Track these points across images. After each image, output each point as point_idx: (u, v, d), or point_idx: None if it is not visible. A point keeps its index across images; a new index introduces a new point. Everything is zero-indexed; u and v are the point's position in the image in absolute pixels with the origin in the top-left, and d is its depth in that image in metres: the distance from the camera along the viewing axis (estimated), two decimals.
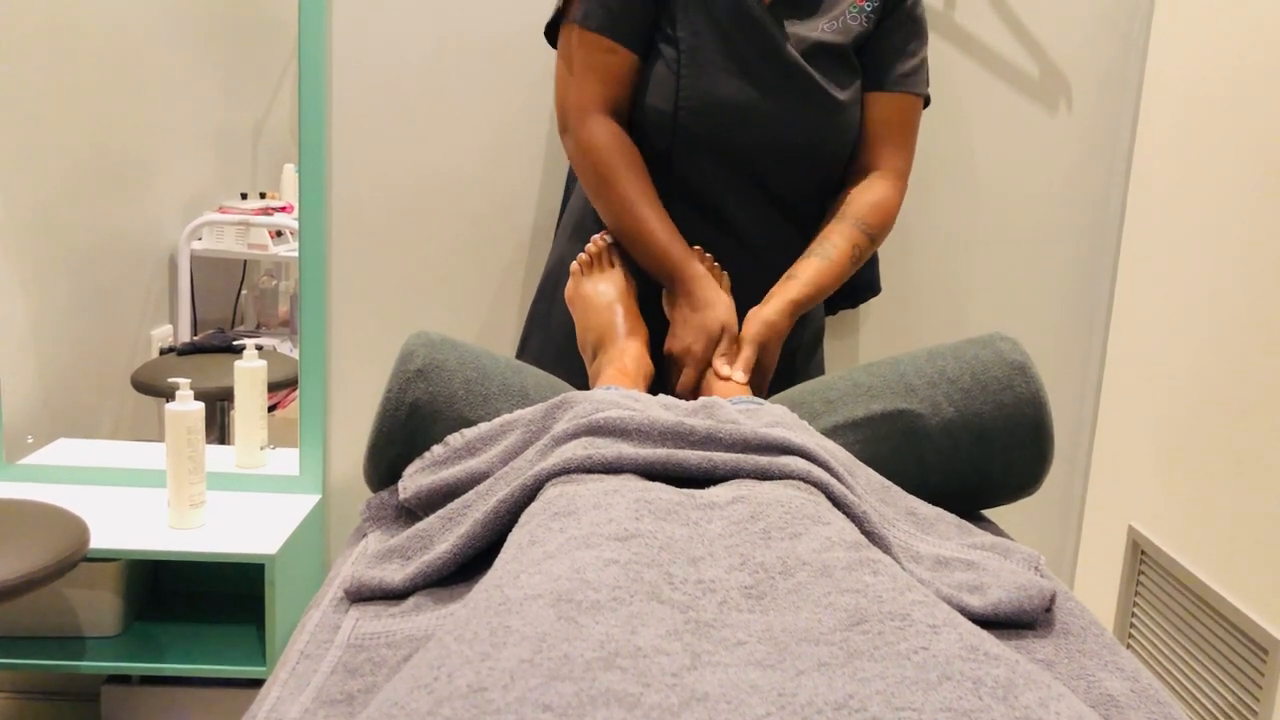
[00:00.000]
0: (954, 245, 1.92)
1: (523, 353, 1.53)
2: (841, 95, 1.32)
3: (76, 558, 1.48)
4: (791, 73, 1.29)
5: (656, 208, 1.28)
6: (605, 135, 1.29)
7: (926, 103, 1.44)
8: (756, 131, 1.30)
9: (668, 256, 1.26)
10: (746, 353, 1.24)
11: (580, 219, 1.44)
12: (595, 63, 1.28)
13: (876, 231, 1.35)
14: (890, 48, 1.35)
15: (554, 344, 1.43)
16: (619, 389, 1.05)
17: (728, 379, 1.22)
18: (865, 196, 1.34)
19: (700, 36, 1.28)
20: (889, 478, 1.05)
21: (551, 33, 1.36)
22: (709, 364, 1.24)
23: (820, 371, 1.57)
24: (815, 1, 1.33)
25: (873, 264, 1.85)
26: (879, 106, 1.37)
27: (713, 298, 1.25)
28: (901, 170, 1.39)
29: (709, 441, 0.89)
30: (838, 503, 0.84)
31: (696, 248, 1.31)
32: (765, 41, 1.28)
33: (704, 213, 1.33)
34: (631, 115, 1.33)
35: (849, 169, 1.39)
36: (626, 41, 1.28)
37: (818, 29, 1.31)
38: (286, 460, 1.96)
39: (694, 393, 1.24)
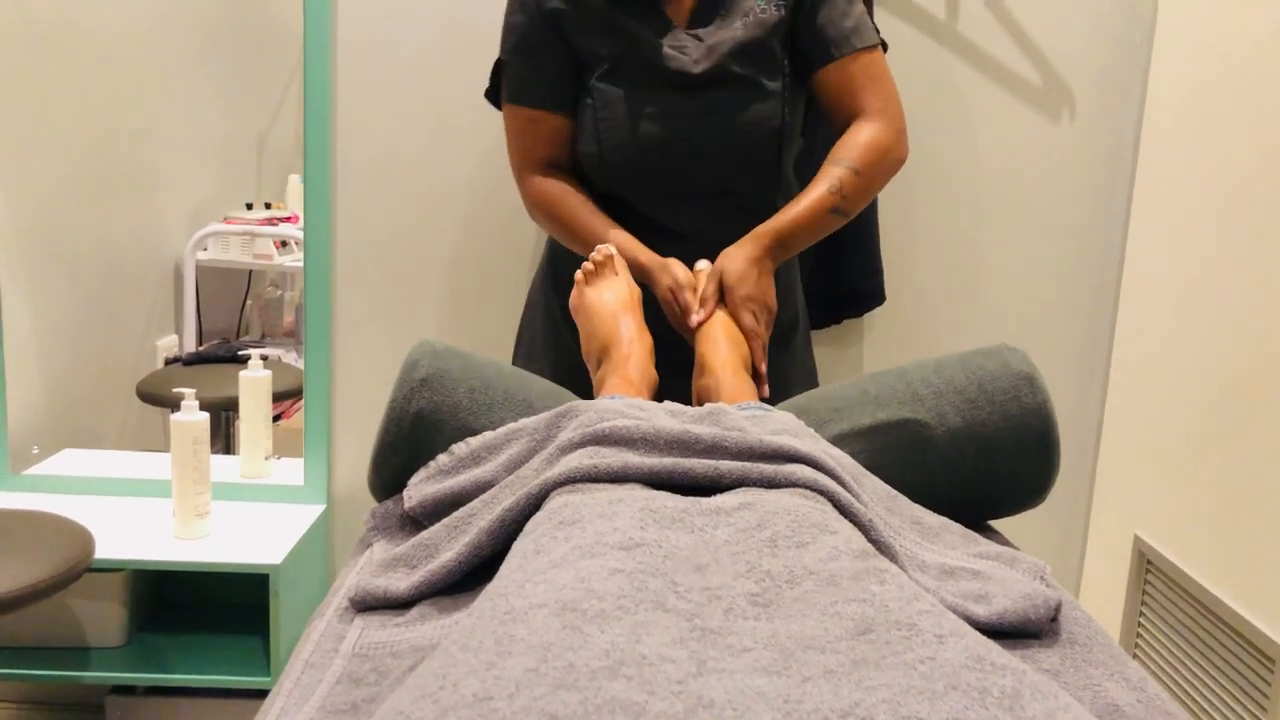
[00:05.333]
0: (959, 254, 1.92)
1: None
2: (769, 84, 1.34)
3: (81, 568, 1.49)
4: (698, 85, 1.32)
5: (602, 216, 1.37)
6: (545, 185, 1.40)
7: (885, 48, 1.41)
8: (681, 154, 1.34)
9: (624, 250, 1.32)
10: (706, 286, 1.27)
11: (554, 265, 1.52)
12: (529, 131, 1.40)
13: (864, 165, 1.32)
14: (822, 21, 1.36)
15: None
16: (623, 398, 1.05)
17: (701, 322, 1.25)
18: (848, 139, 1.34)
19: (612, 76, 1.34)
20: (895, 487, 1.05)
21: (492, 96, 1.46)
22: (691, 289, 1.28)
23: (807, 355, 1.57)
24: (729, 5, 1.36)
25: (877, 273, 1.85)
26: (835, 75, 1.36)
27: (672, 260, 1.31)
28: (883, 108, 1.36)
29: (715, 450, 0.89)
30: (844, 511, 0.84)
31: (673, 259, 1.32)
32: (667, 62, 1.32)
33: (666, 235, 1.36)
34: (572, 163, 1.42)
35: (835, 134, 1.39)
36: (552, 106, 1.38)
37: (734, 29, 1.34)
38: (291, 470, 1.96)
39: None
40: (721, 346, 1.22)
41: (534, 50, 1.37)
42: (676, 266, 1.30)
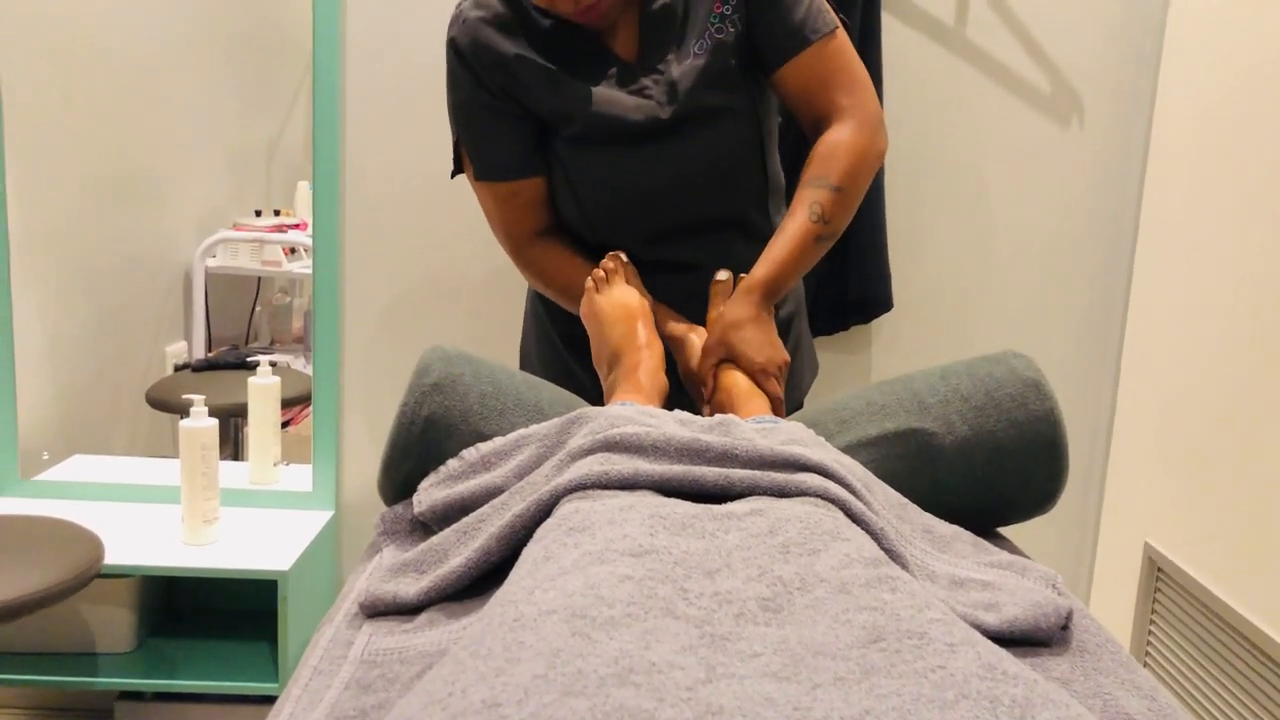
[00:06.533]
0: (967, 261, 1.92)
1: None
2: (741, 106, 1.29)
3: (91, 574, 1.49)
4: (670, 129, 1.27)
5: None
6: (542, 258, 1.35)
7: (846, 26, 1.34)
8: (666, 198, 1.29)
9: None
10: (704, 365, 1.23)
11: (533, 305, 1.49)
12: (509, 205, 1.34)
13: (844, 178, 1.25)
14: (773, 20, 1.27)
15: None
16: (634, 405, 1.05)
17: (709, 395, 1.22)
18: (822, 150, 1.27)
19: (578, 138, 1.28)
20: (905, 495, 1.04)
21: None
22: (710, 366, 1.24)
23: (805, 359, 1.55)
24: (679, 31, 1.28)
25: (884, 280, 1.85)
26: (795, 73, 1.28)
27: (691, 336, 1.27)
28: (852, 104, 1.28)
29: (725, 458, 0.89)
30: (856, 519, 0.84)
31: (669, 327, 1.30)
32: (633, 114, 1.26)
33: (668, 269, 1.33)
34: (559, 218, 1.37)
35: (807, 134, 1.33)
36: (524, 174, 1.32)
37: (694, 58, 1.27)
38: (300, 476, 1.96)
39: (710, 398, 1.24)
40: (733, 367, 1.22)
41: (489, 124, 1.30)
42: (693, 347, 1.26)
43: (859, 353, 1.96)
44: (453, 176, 1.39)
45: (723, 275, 1.29)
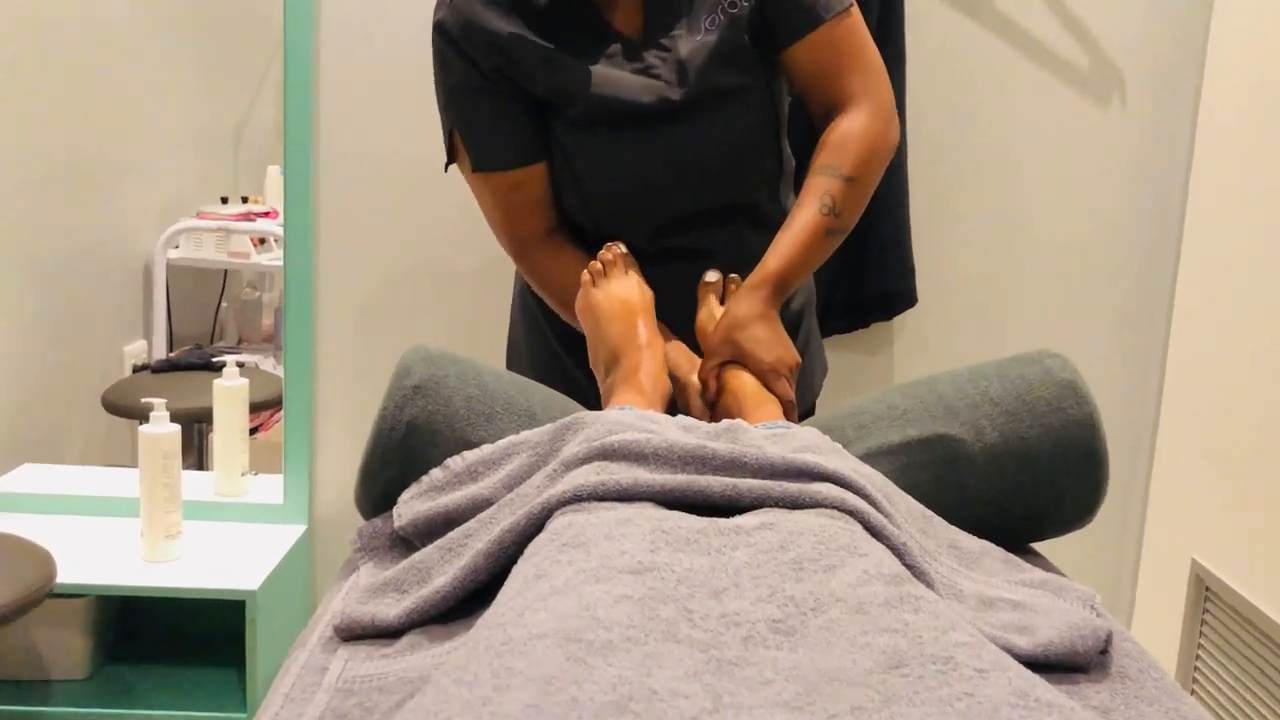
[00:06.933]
0: (997, 253, 1.92)
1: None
2: (754, 85, 1.30)
3: (42, 594, 1.49)
4: (681, 111, 1.27)
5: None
6: (543, 261, 1.35)
7: (864, 6, 1.36)
8: (675, 186, 1.30)
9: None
10: (705, 368, 1.24)
11: (524, 298, 1.49)
12: (512, 200, 1.33)
13: (856, 169, 1.26)
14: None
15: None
16: (634, 409, 1.05)
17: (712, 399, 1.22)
18: (834, 138, 1.29)
19: (580, 121, 1.28)
20: (929, 507, 1.04)
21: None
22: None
23: (814, 359, 1.55)
24: (687, 5, 1.29)
25: (908, 272, 1.85)
26: (806, 53, 1.30)
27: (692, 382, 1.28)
28: (866, 90, 1.30)
29: (733, 466, 0.89)
30: (875, 533, 0.84)
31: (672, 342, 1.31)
32: (641, 96, 1.27)
33: (675, 257, 1.34)
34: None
35: (816, 121, 1.35)
36: (525, 161, 1.31)
37: (705, 35, 1.28)
38: (270, 487, 1.96)
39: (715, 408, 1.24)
40: (740, 369, 1.22)
41: (485, 109, 1.30)
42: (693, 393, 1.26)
43: (879, 353, 1.96)
44: (446, 169, 1.39)
45: (711, 276, 1.30)
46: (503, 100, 1.30)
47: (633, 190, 1.31)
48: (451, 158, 1.37)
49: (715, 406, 1.23)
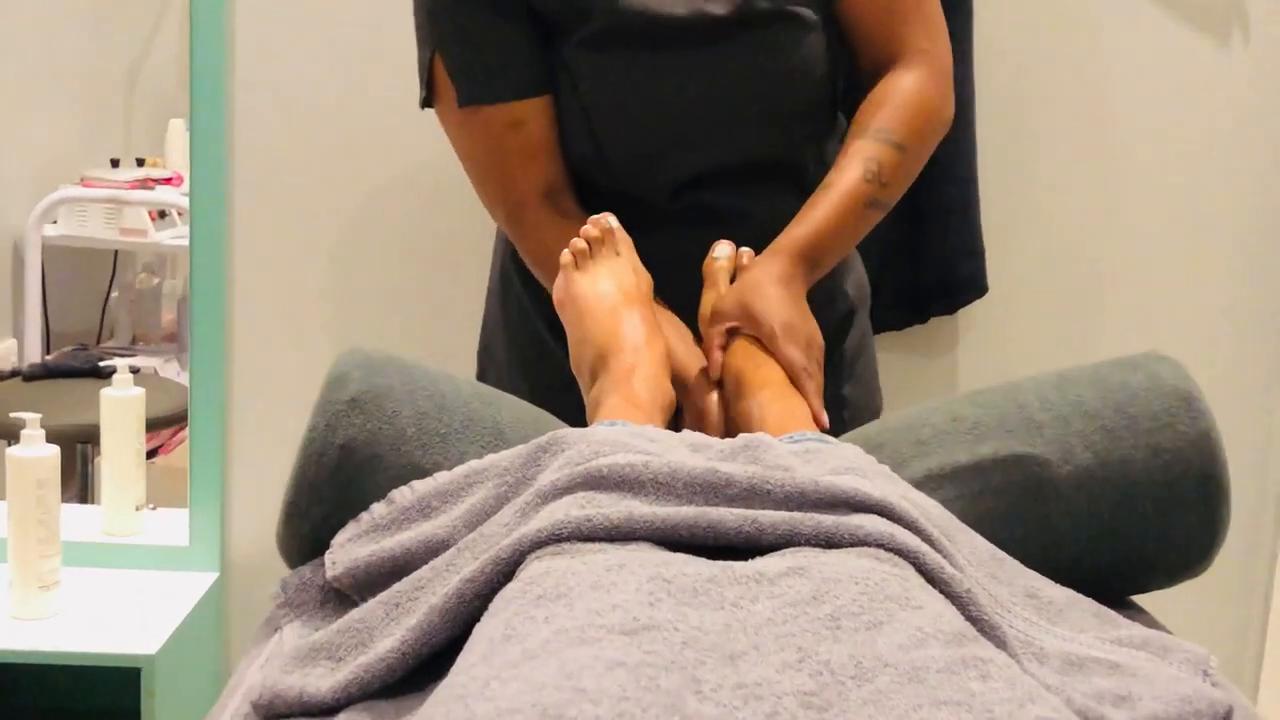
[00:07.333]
0: (1085, 229, 1.92)
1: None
2: (809, 14, 1.32)
3: None
4: (720, 31, 1.29)
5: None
6: (540, 226, 1.35)
7: None
8: (708, 129, 1.32)
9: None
10: (712, 333, 1.26)
11: (506, 281, 1.50)
12: (508, 143, 1.34)
13: (909, 136, 1.31)
14: None
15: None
16: (627, 424, 1.05)
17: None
18: (884, 96, 1.33)
19: (597, 38, 1.29)
20: (1002, 546, 1.05)
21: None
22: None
23: (868, 367, 1.55)
24: None
25: (976, 255, 1.85)
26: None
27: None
28: (928, 49, 1.35)
29: (753, 495, 0.89)
30: (932, 579, 0.84)
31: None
32: (673, 7, 1.28)
33: (701, 220, 1.35)
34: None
35: (864, 79, 1.38)
36: (529, 91, 1.32)
37: None
38: (172, 525, 1.96)
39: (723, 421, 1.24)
40: (762, 361, 1.22)
41: (479, 25, 1.32)
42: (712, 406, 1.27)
43: (942, 355, 1.96)
44: (423, 107, 1.40)
45: (722, 251, 1.31)
46: (501, 16, 1.31)
47: (657, 130, 1.32)
48: (429, 92, 1.37)
49: (722, 386, 1.24)
